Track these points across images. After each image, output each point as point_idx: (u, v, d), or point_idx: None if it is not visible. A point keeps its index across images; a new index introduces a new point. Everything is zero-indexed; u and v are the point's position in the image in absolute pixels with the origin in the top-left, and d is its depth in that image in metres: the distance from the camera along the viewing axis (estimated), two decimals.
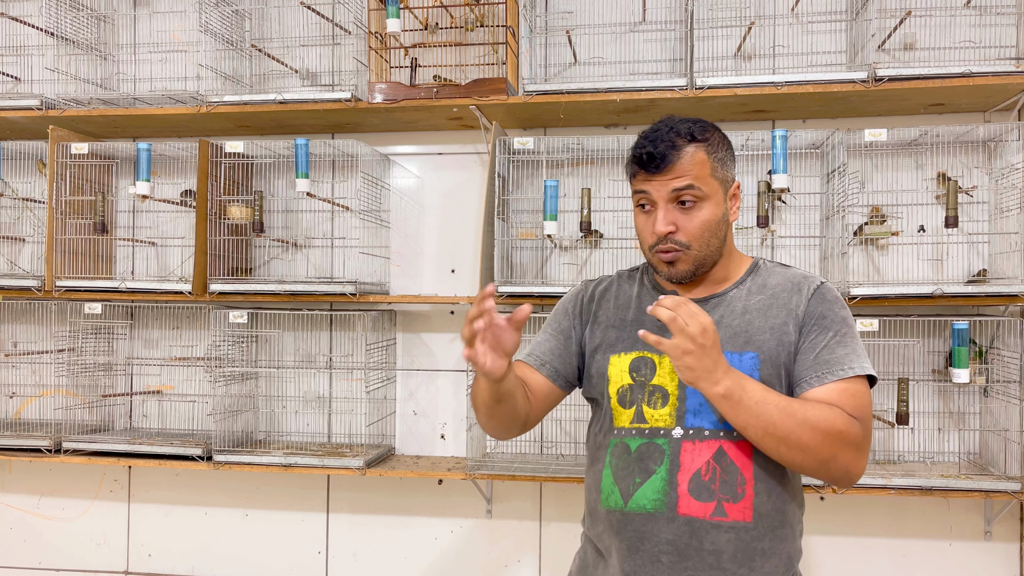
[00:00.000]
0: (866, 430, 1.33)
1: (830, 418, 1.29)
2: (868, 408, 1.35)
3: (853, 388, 1.34)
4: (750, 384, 1.29)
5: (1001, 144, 2.42)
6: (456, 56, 2.70)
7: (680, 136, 1.40)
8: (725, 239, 1.46)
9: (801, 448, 1.28)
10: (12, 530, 3.01)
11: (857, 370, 1.35)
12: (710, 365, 1.26)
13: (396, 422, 2.81)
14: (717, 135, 1.45)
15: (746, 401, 1.27)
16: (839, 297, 1.44)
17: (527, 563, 2.72)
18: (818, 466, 1.30)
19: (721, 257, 1.46)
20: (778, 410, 1.27)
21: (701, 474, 1.36)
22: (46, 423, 2.91)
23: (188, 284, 2.55)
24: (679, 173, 1.39)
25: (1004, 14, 2.47)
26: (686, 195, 1.39)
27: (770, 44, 2.61)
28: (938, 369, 2.48)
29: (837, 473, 1.31)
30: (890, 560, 2.53)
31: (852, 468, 1.32)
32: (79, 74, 2.85)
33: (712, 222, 1.41)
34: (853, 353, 1.37)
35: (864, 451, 1.33)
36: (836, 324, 1.39)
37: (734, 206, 1.47)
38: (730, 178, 1.46)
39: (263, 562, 2.86)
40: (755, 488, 1.36)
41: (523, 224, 2.71)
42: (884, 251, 2.53)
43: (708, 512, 1.34)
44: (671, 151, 1.39)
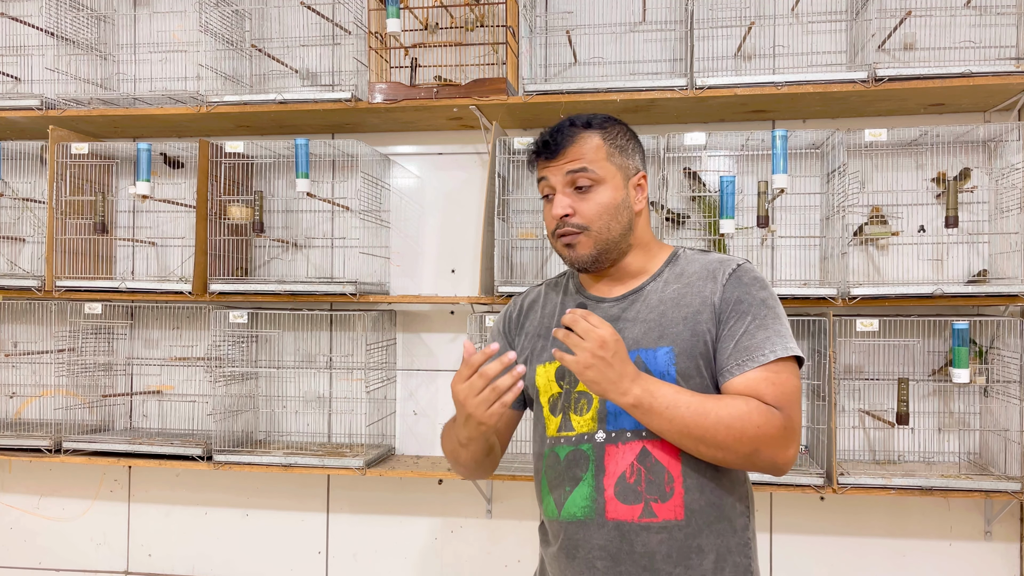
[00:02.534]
0: (788, 418, 1.29)
1: (744, 413, 1.26)
2: (792, 393, 1.31)
3: (774, 374, 1.30)
4: (660, 389, 1.27)
5: (1001, 144, 2.42)
6: (456, 56, 2.70)
7: (575, 125, 1.43)
8: (631, 227, 1.44)
9: (719, 447, 1.26)
10: (12, 530, 3.01)
11: (779, 353, 1.31)
12: (614, 377, 1.25)
13: (396, 422, 2.81)
14: (619, 127, 1.46)
15: (656, 407, 1.26)
16: (758, 278, 1.38)
17: (527, 563, 2.72)
18: (743, 461, 1.28)
19: (632, 248, 1.45)
20: (690, 411, 1.26)
21: (626, 477, 1.33)
22: (46, 423, 2.91)
23: (188, 284, 2.56)
24: (572, 156, 1.41)
25: (1004, 14, 2.47)
26: (580, 178, 1.40)
27: (770, 44, 2.61)
28: (938, 369, 2.48)
29: (763, 466, 1.29)
30: (890, 560, 2.53)
31: (779, 459, 1.29)
32: (79, 74, 2.85)
33: (610, 205, 1.40)
34: (775, 335, 1.32)
35: (790, 440, 1.29)
36: (754, 307, 1.34)
37: (639, 195, 1.45)
38: (632, 167, 1.45)
39: (263, 562, 2.86)
40: (684, 485, 1.32)
41: (523, 224, 2.71)
42: (884, 251, 2.53)
43: (636, 515, 1.32)
44: (564, 137, 1.42)
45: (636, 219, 1.45)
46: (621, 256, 1.45)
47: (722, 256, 1.44)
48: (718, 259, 1.42)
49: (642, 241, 1.46)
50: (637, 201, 1.45)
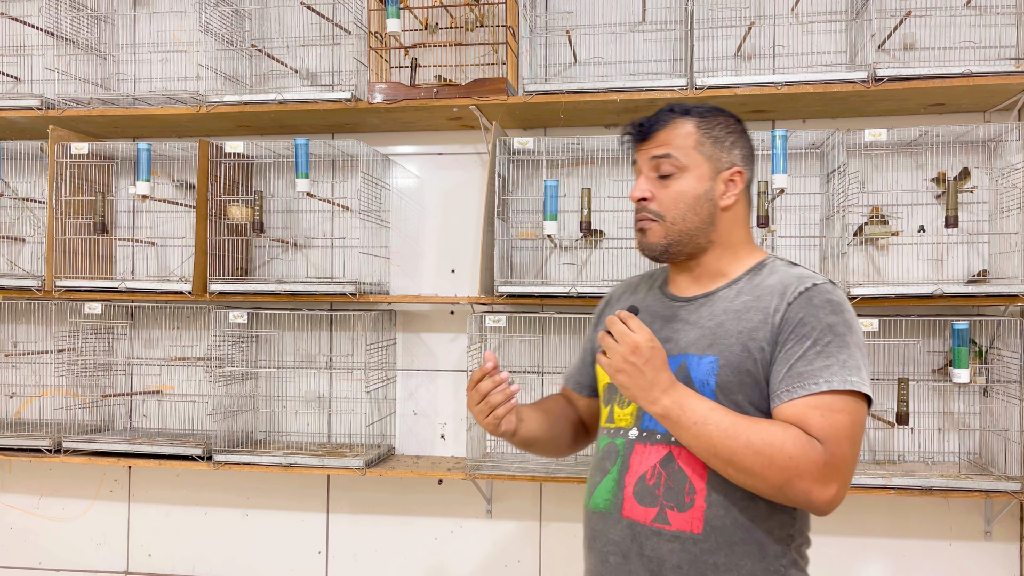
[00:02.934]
0: (831, 455, 1.18)
1: (778, 441, 1.18)
2: (844, 428, 1.20)
3: (826, 404, 1.20)
4: (691, 403, 1.23)
5: (1001, 144, 2.42)
6: (456, 56, 2.70)
7: (673, 110, 1.41)
8: (712, 222, 1.38)
9: (747, 472, 1.20)
10: (12, 530, 3.01)
11: (835, 384, 1.21)
12: (644, 384, 1.24)
13: (396, 422, 2.81)
14: (722, 118, 1.41)
15: (684, 421, 1.22)
16: (833, 301, 1.27)
17: (527, 563, 2.72)
18: (774, 492, 1.20)
19: (713, 245, 1.39)
20: (719, 431, 1.20)
21: (646, 478, 1.32)
22: (46, 423, 2.91)
23: (188, 284, 2.56)
24: (660, 142, 1.39)
25: (1004, 14, 2.47)
26: (663, 164, 1.37)
27: (770, 44, 2.61)
28: (938, 369, 2.48)
29: (798, 500, 1.20)
30: (890, 560, 2.53)
31: (814, 496, 1.19)
32: (79, 74, 2.85)
33: (688, 195, 1.36)
34: (836, 365, 1.22)
35: (831, 477, 1.18)
36: (817, 332, 1.24)
37: (729, 191, 1.38)
38: (726, 160, 1.39)
39: (263, 562, 2.86)
40: (708, 499, 1.28)
41: (523, 224, 2.71)
42: (884, 251, 2.53)
43: (649, 518, 1.31)
44: (657, 121, 1.40)
45: (720, 215, 1.38)
46: (699, 252, 1.40)
47: (804, 273, 1.34)
48: (797, 275, 1.33)
49: (728, 241, 1.40)
50: (725, 196, 1.38)
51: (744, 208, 1.43)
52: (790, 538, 1.32)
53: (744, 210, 1.43)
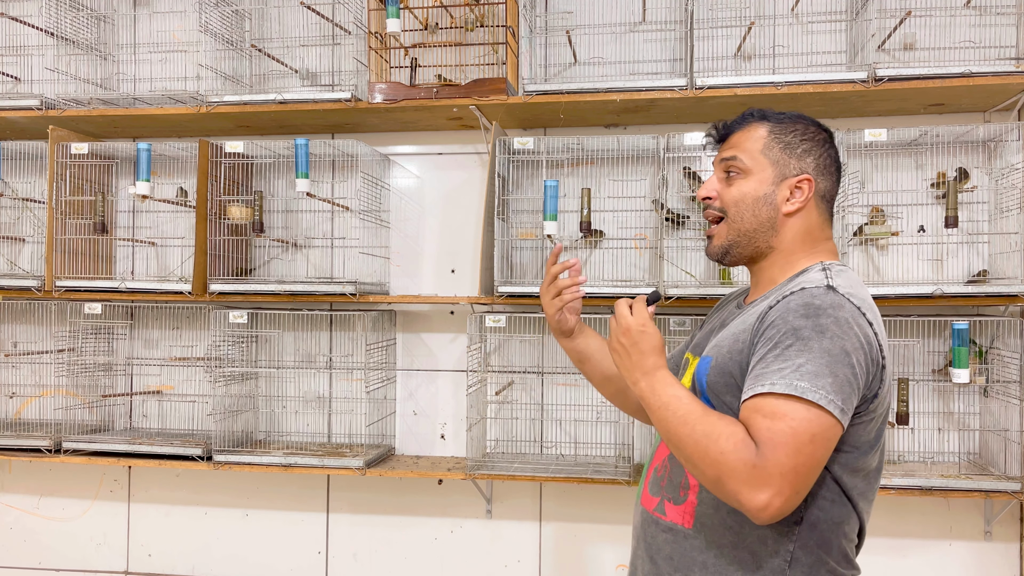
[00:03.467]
0: (763, 458, 1.11)
1: (716, 434, 1.15)
2: (782, 434, 1.11)
3: (771, 408, 1.14)
4: (663, 388, 1.26)
5: (1001, 144, 2.42)
6: (456, 56, 2.70)
7: (751, 114, 1.43)
8: (772, 227, 1.37)
9: (687, 460, 1.19)
10: (12, 530, 3.01)
11: (778, 388, 1.14)
12: (630, 365, 1.33)
13: (396, 422, 2.81)
14: (800, 125, 1.40)
15: (652, 404, 1.26)
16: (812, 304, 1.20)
17: (527, 563, 2.72)
18: (712, 486, 1.16)
19: (773, 251, 1.38)
20: (675, 417, 1.21)
21: (657, 470, 1.40)
22: (46, 423, 2.91)
23: (188, 284, 2.55)
24: (731, 144, 1.42)
25: (1004, 14, 2.47)
26: (730, 166, 1.40)
27: (770, 44, 2.61)
28: (938, 369, 2.48)
29: (730, 500, 1.15)
30: (890, 560, 2.53)
31: (743, 498, 1.12)
32: (79, 74, 2.85)
33: (749, 196, 1.37)
34: (789, 368, 1.15)
35: (760, 483, 1.10)
36: (781, 334, 1.19)
37: (793, 197, 1.36)
38: (794, 166, 1.37)
39: (263, 562, 2.86)
40: (699, 496, 1.29)
41: (523, 224, 2.71)
42: (884, 251, 2.53)
43: (652, 506, 1.38)
44: (733, 124, 1.44)
45: (783, 220, 1.37)
46: (758, 255, 1.40)
47: (808, 278, 1.29)
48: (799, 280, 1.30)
49: (790, 248, 1.38)
50: (789, 202, 1.36)
51: (814, 218, 1.38)
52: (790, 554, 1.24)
53: (814, 220, 1.38)
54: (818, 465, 1.15)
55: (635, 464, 2.52)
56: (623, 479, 2.38)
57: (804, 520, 1.25)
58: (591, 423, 2.66)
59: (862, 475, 1.28)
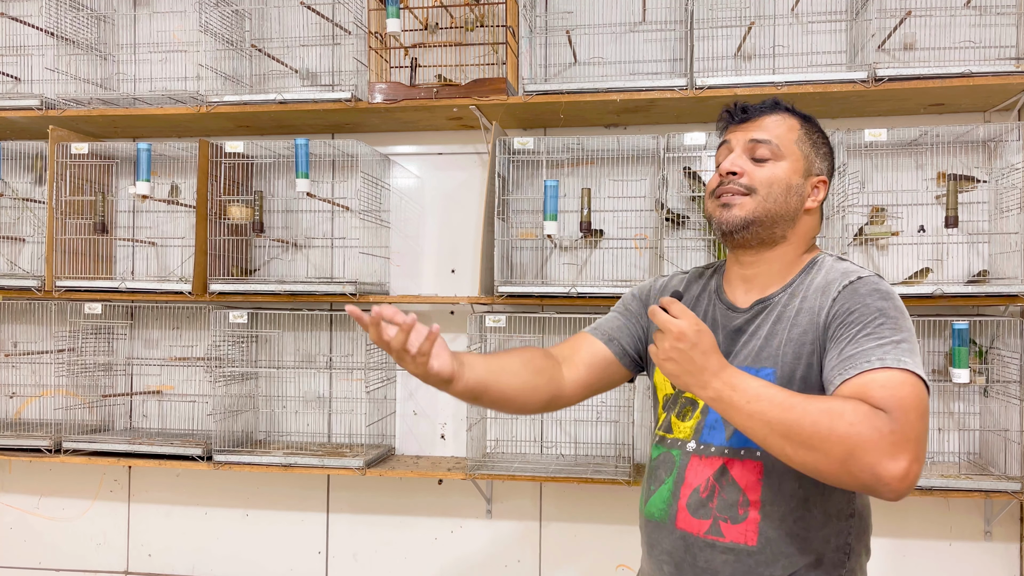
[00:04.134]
0: (900, 423, 1.08)
1: (838, 409, 1.09)
2: (909, 399, 1.11)
3: (885, 378, 1.13)
4: (744, 382, 1.17)
5: (1001, 144, 2.42)
6: (456, 56, 2.70)
7: (779, 104, 1.40)
8: (795, 218, 1.35)
9: (807, 446, 1.10)
10: (12, 530, 3.01)
11: (888, 363, 1.14)
12: (694, 369, 1.19)
13: (396, 422, 2.81)
14: (819, 127, 1.42)
15: (737, 401, 1.15)
16: (880, 290, 1.23)
17: (527, 563, 2.72)
18: (838, 468, 1.09)
19: (786, 242, 1.36)
20: (773, 405, 1.13)
21: (700, 490, 1.31)
22: (46, 423, 2.91)
23: (188, 284, 2.56)
24: (762, 126, 1.37)
25: (1004, 14, 2.47)
26: (761, 147, 1.35)
27: (770, 44, 2.61)
28: (938, 369, 2.48)
29: (863, 477, 1.09)
30: (890, 560, 2.53)
31: (880, 469, 1.07)
32: (79, 74, 2.85)
33: (782, 181, 1.33)
34: (889, 345, 1.16)
35: (899, 449, 1.07)
36: (866, 317, 1.20)
37: (813, 195, 1.37)
38: (817, 165, 1.38)
39: (263, 562, 2.86)
40: (762, 511, 1.26)
41: (523, 224, 2.71)
42: (884, 251, 2.53)
43: (703, 530, 1.30)
44: (763, 108, 1.39)
45: (801, 215, 1.36)
46: (771, 241, 1.36)
47: (848, 267, 1.31)
48: (841, 271, 1.30)
49: (799, 242, 1.38)
50: (810, 199, 1.37)
51: (817, 219, 1.41)
52: (848, 547, 1.28)
53: (817, 220, 1.41)
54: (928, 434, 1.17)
55: (635, 464, 2.52)
56: (623, 479, 2.38)
57: (856, 512, 1.30)
58: (591, 423, 2.66)
59: None
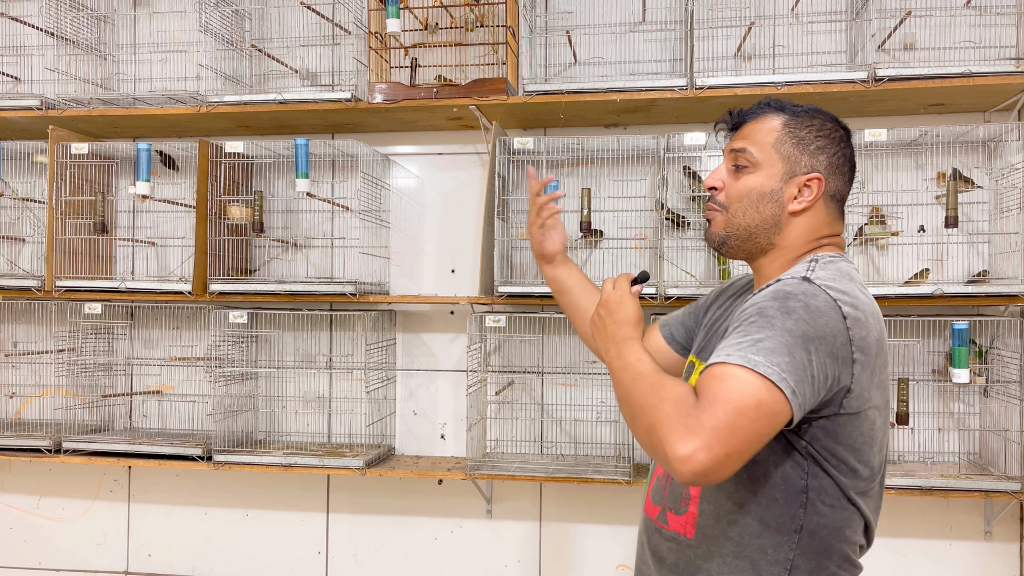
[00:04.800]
0: (700, 410, 1.07)
1: (661, 387, 1.14)
2: (724, 393, 1.08)
3: (720, 372, 1.11)
4: (630, 353, 1.24)
5: (1001, 144, 2.42)
6: (456, 56, 2.70)
7: (769, 105, 1.37)
8: (775, 225, 1.32)
9: (630, 414, 1.17)
10: (12, 530, 3.01)
11: (733, 359, 1.11)
12: (603, 335, 1.34)
13: (396, 422, 2.81)
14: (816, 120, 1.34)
15: (615, 366, 1.25)
16: (784, 292, 1.18)
17: (527, 563, 2.72)
18: (645, 438, 1.13)
19: (774, 248, 1.34)
20: (631, 375, 1.20)
21: (660, 480, 1.39)
22: (46, 423, 2.91)
23: (188, 284, 2.56)
24: (743, 134, 1.36)
25: (1004, 14, 2.47)
26: (739, 157, 1.34)
27: (770, 44, 2.61)
28: (938, 369, 2.48)
29: (658, 452, 1.10)
30: (890, 560, 2.53)
31: (667, 447, 1.06)
32: (79, 74, 2.85)
33: (753, 191, 1.32)
34: (747, 343, 1.13)
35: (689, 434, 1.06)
36: (747, 315, 1.18)
37: (800, 196, 1.31)
38: (805, 163, 1.31)
39: (263, 562, 2.86)
40: (700, 507, 1.29)
41: (523, 224, 2.71)
42: (884, 251, 2.53)
43: (655, 515, 1.38)
44: (746, 114, 1.38)
45: (788, 219, 1.32)
46: (757, 252, 1.36)
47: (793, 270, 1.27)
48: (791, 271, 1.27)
49: (792, 246, 1.34)
50: (794, 200, 1.31)
51: (821, 217, 1.34)
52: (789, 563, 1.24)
53: (821, 219, 1.34)
54: (757, 438, 1.09)
55: (635, 464, 2.52)
56: (623, 479, 2.38)
57: (804, 528, 1.23)
58: (591, 423, 2.66)
59: (863, 476, 1.25)
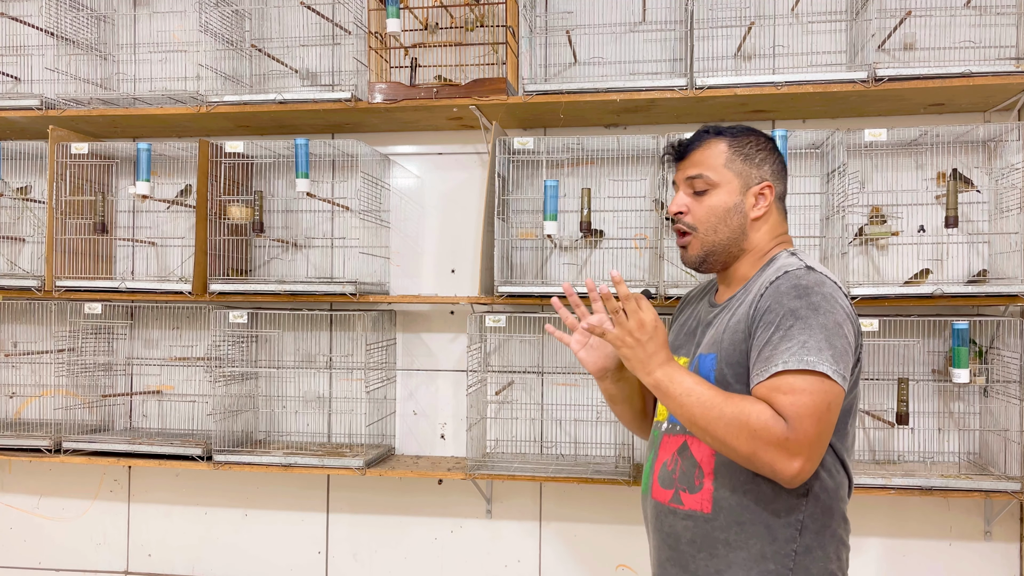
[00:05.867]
0: (793, 430, 1.26)
1: (744, 414, 1.28)
2: (806, 407, 1.27)
3: (788, 384, 1.28)
4: (681, 377, 1.35)
5: (1001, 144, 2.42)
6: (456, 56, 2.70)
7: (707, 132, 1.53)
8: (743, 233, 1.50)
9: (720, 441, 1.30)
10: (12, 530, 3.01)
11: (790, 364, 1.28)
12: (644, 357, 1.37)
13: (396, 422, 2.81)
14: (753, 137, 1.53)
15: (672, 392, 1.35)
16: (800, 285, 1.35)
17: (527, 563, 2.72)
18: (745, 461, 1.31)
19: (744, 253, 1.52)
20: (698, 403, 1.31)
21: (667, 464, 1.48)
22: (46, 423, 2.91)
23: (188, 284, 2.56)
24: (693, 162, 1.52)
25: (1004, 14, 2.47)
26: (697, 183, 1.50)
27: (770, 44, 2.61)
28: (938, 369, 2.48)
29: (764, 470, 1.30)
30: (890, 560, 2.53)
31: (778, 467, 1.27)
32: (79, 74, 2.85)
33: (719, 209, 1.49)
34: (796, 346, 1.29)
35: (793, 453, 1.26)
36: (780, 317, 1.33)
37: (758, 203, 1.50)
38: (755, 176, 1.50)
39: (263, 562, 2.86)
40: (715, 483, 1.41)
41: (523, 224, 2.71)
42: (884, 251, 2.53)
43: (667, 498, 1.47)
44: (692, 142, 1.53)
45: (751, 225, 1.51)
46: (732, 260, 1.53)
47: (788, 263, 1.43)
48: (779, 266, 1.43)
49: (759, 248, 1.52)
50: (755, 208, 1.50)
51: (774, 217, 1.53)
52: (799, 523, 1.39)
53: (775, 218, 1.53)
54: (832, 429, 1.31)
55: (635, 464, 2.52)
56: (623, 479, 2.38)
57: (810, 492, 1.39)
58: (591, 423, 2.66)
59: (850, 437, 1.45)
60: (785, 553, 1.39)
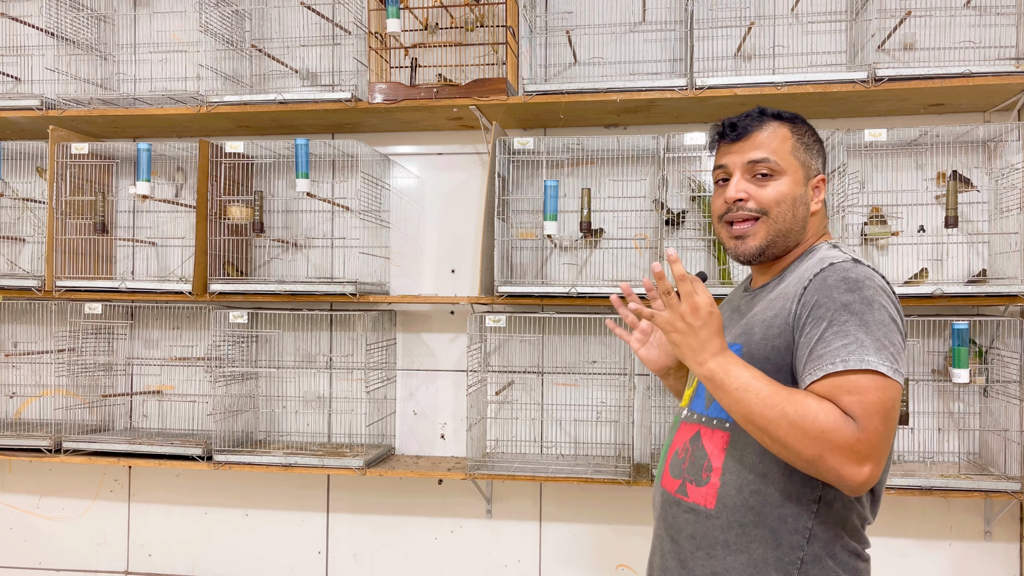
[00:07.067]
0: (863, 431, 1.16)
1: (811, 414, 1.17)
2: (874, 405, 1.17)
3: (851, 383, 1.18)
4: (736, 369, 1.24)
5: (1001, 144, 2.42)
6: (456, 56, 2.70)
7: (765, 113, 1.41)
8: (804, 226, 1.40)
9: (781, 443, 1.19)
10: (12, 530, 3.01)
11: (851, 364, 1.18)
12: (696, 345, 1.26)
13: (396, 422, 2.81)
14: (807, 126, 1.44)
15: (727, 386, 1.23)
16: (849, 279, 1.25)
17: (527, 563, 2.72)
18: (807, 465, 1.20)
19: (796, 247, 1.42)
20: (758, 399, 1.20)
21: (678, 453, 1.42)
22: (46, 423, 2.91)
23: (188, 284, 2.56)
24: (757, 144, 1.39)
25: (1004, 14, 2.47)
26: (762, 167, 1.38)
27: (770, 44, 2.61)
28: (938, 369, 2.48)
29: (830, 476, 1.19)
30: (890, 560, 2.53)
31: (844, 473, 1.16)
32: (79, 74, 2.85)
33: (789, 196, 1.38)
34: (855, 344, 1.20)
35: (863, 456, 1.16)
36: (832, 312, 1.23)
37: (816, 197, 1.41)
38: (814, 167, 1.42)
39: (263, 562, 2.86)
40: (723, 478, 1.32)
41: (523, 224, 2.71)
42: (884, 251, 2.53)
43: (674, 488, 1.40)
44: (753, 122, 1.40)
45: (809, 220, 1.41)
46: (786, 252, 1.42)
47: (830, 254, 1.34)
48: (819, 258, 1.34)
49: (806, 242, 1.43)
50: (814, 202, 1.41)
51: (823, 212, 1.45)
52: (808, 531, 1.29)
53: (823, 213, 1.45)
54: (896, 425, 1.22)
55: (635, 464, 2.52)
56: (623, 479, 2.38)
57: (822, 499, 1.29)
58: (591, 423, 2.66)
59: None
60: (789, 561, 1.29)
